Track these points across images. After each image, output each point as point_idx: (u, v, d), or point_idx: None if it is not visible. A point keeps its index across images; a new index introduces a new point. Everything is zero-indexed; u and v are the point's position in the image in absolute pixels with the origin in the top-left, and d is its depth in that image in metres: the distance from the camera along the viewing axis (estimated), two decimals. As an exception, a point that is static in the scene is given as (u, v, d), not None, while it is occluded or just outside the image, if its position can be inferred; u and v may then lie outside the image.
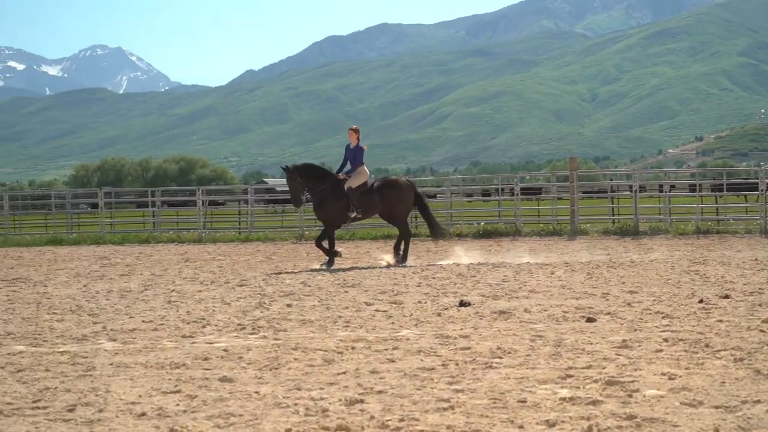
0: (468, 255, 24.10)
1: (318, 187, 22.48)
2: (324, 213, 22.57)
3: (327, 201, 22.42)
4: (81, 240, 37.30)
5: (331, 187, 22.51)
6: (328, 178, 22.75)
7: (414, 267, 21.58)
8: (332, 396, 7.91)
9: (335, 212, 22.46)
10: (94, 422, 7.25)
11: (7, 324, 13.11)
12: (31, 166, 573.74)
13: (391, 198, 23.04)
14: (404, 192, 23.34)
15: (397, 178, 24.74)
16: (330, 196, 22.40)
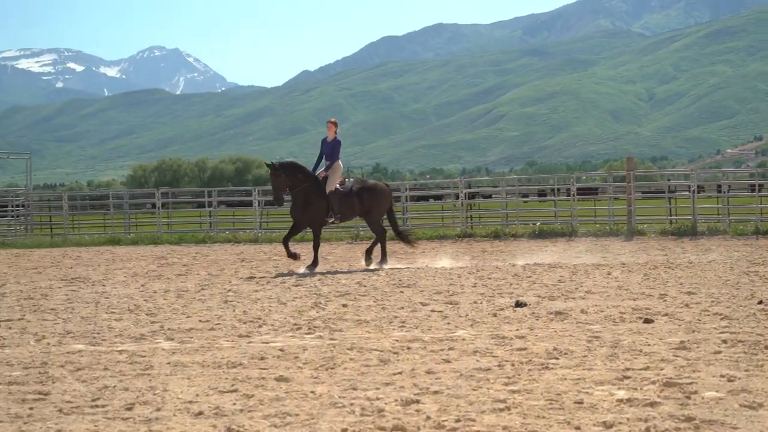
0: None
1: (299, 186, 21.80)
2: (308, 214, 21.99)
3: (309, 201, 21.86)
4: (138, 240, 37.61)
5: (312, 186, 21.89)
6: (309, 178, 22.01)
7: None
8: (388, 396, 7.91)
9: (317, 215, 21.98)
10: (151, 421, 7.30)
11: (67, 323, 13.24)
12: (89, 166, 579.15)
13: (370, 202, 22.66)
14: (383, 196, 23.14)
15: (376, 182, 24.32)
16: (313, 196, 21.84)
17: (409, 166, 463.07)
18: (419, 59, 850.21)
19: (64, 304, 15.63)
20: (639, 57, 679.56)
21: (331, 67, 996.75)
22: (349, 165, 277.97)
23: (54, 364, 9.89)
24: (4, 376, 9.22)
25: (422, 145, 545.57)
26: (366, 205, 22.61)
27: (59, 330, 12.54)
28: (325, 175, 22.01)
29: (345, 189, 22.25)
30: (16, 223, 43.05)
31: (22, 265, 26.30)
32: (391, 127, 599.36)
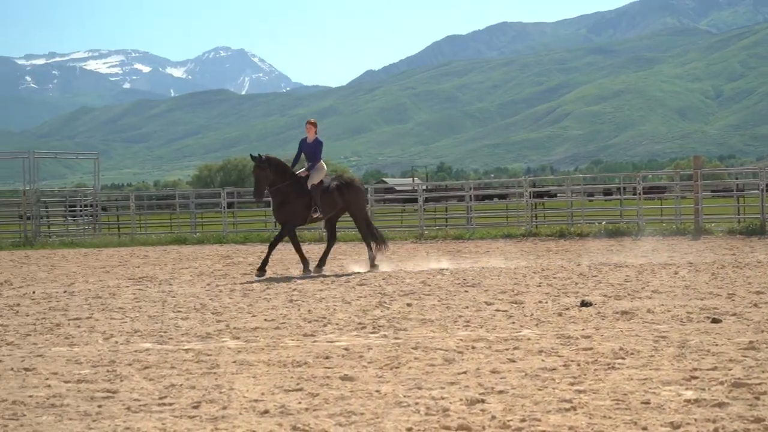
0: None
1: (279, 184, 20.99)
2: (286, 213, 21.25)
3: (289, 200, 21.10)
4: (204, 239, 37.88)
5: (293, 184, 21.14)
6: (290, 176, 21.23)
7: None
8: (453, 395, 7.90)
9: (297, 212, 21.22)
10: (218, 419, 7.35)
11: (134, 322, 13.37)
12: (156, 166, 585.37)
13: (350, 198, 22.09)
14: (361, 193, 22.86)
15: (353, 178, 23.81)
16: (292, 194, 21.08)
17: (473, 165, 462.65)
18: (483, 58, 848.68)
19: (131, 303, 15.79)
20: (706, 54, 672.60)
21: (395, 66, 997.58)
22: (413, 164, 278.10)
23: (122, 362, 9.99)
24: (73, 374, 9.33)
25: (486, 144, 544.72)
26: (345, 200, 22.00)
27: (127, 328, 12.67)
28: (306, 174, 21.36)
29: (324, 185, 21.60)
30: (85, 223, 43.55)
31: (90, 264, 26.61)
32: (455, 127, 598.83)
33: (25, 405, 7.98)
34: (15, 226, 42.96)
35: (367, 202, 23.58)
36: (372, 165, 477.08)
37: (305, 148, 21.74)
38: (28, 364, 9.96)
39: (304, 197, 21.10)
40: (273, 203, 21.60)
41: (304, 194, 21.11)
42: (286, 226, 21.37)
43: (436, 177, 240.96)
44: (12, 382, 9.04)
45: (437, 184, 69.25)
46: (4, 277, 22.49)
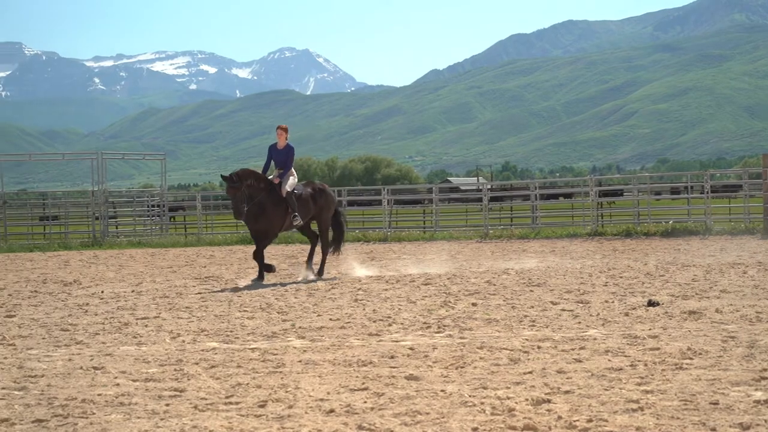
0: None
1: (256, 196, 19.96)
2: (264, 223, 20.15)
3: (266, 210, 20.07)
4: (270, 239, 38.01)
5: (269, 194, 20.18)
6: (265, 185, 20.23)
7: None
8: (518, 395, 7.88)
9: (276, 221, 20.32)
10: (284, 418, 7.38)
11: (201, 321, 13.47)
12: (222, 166, 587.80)
13: (322, 204, 21.29)
14: (332, 199, 21.82)
15: (324, 185, 22.26)
16: (269, 204, 20.10)
17: (538, 164, 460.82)
18: (549, 56, 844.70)
19: (198, 303, 15.91)
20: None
21: (460, 65, 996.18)
22: (478, 163, 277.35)
23: (189, 361, 10.07)
24: (141, 373, 9.43)
25: (552, 143, 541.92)
26: (318, 207, 21.21)
27: (194, 328, 12.77)
28: (278, 181, 20.39)
29: (298, 192, 20.69)
30: (152, 223, 43.96)
31: (157, 264, 26.85)
32: (520, 126, 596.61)
33: (94, 403, 8.07)
34: (84, 226, 43.46)
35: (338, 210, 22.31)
36: (436, 164, 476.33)
37: (276, 155, 20.79)
38: (97, 362, 10.08)
39: (280, 206, 20.28)
40: (248, 214, 19.98)
41: (281, 203, 20.28)
42: (268, 236, 20.43)
43: (500, 176, 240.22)
44: (81, 380, 9.15)
45: (502, 184, 69.04)
46: (74, 276, 22.77)
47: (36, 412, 7.78)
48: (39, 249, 36.05)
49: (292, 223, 20.57)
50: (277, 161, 20.71)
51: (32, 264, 28.22)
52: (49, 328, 13.09)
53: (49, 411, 7.83)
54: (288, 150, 20.73)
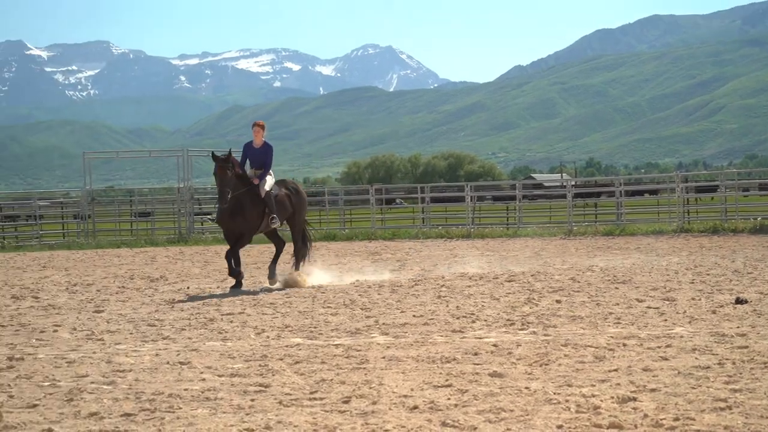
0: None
1: (237, 191, 18.47)
2: (242, 224, 18.75)
3: (244, 209, 18.64)
4: (353, 235, 38.17)
5: (248, 192, 18.72)
6: (248, 183, 18.80)
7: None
8: (604, 393, 7.82)
9: (254, 222, 18.95)
10: (368, 414, 7.40)
11: (285, 317, 13.56)
12: (305, 163, 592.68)
13: (297, 205, 20.07)
14: (305, 200, 20.77)
15: (298, 184, 21.10)
16: (248, 203, 18.68)
17: (623, 160, 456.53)
18: (634, 52, 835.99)
19: (282, 299, 16.02)
20: None
21: (544, 61, 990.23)
22: (562, 160, 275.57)
23: (273, 357, 10.14)
24: (227, 369, 9.52)
25: (637, 139, 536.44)
26: (293, 208, 19.91)
27: (278, 324, 12.86)
28: (258, 181, 18.84)
29: (274, 192, 19.23)
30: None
31: (242, 261, 27.00)
32: (604, 122, 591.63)
33: (180, 398, 8.17)
34: (170, 222, 43.96)
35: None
36: (520, 161, 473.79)
37: (252, 153, 19.25)
38: (184, 358, 10.20)
39: (258, 206, 18.80)
40: (224, 211, 18.58)
41: (259, 203, 18.79)
42: (244, 238, 19.11)
43: (585, 173, 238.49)
44: (168, 375, 9.26)
45: (586, 180, 68.51)
46: (160, 272, 23.05)
47: (124, 406, 7.90)
48: (126, 245, 36.55)
49: (269, 224, 19.17)
50: (254, 161, 19.19)
51: (120, 260, 28.62)
52: (136, 323, 13.27)
53: (136, 405, 7.94)
54: (266, 149, 19.21)
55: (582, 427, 6.79)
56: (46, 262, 28.66)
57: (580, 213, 42.36)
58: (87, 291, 18.38)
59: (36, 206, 43.85)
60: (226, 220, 18.75)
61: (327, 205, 44.88)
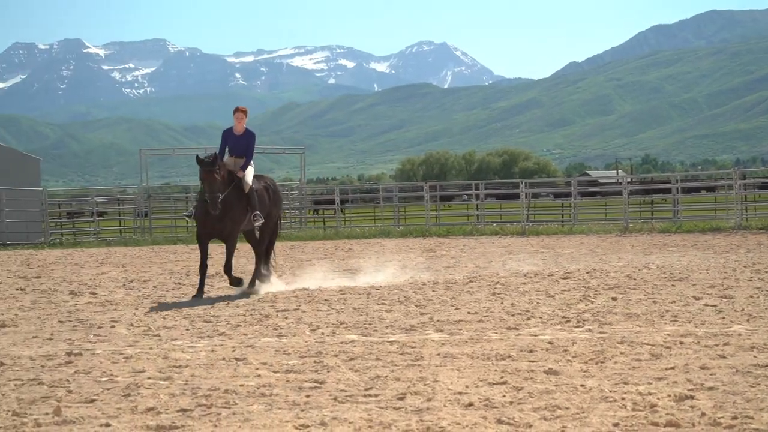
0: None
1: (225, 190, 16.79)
2: (231, 224, 17.01)
3: (232, 208, 16.88)
4: (407, 232, 38.18)
5: (235, 188, 17.08)
6: (232, 178, 17.15)
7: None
8: (660, 391, 7.76)
9: (241, 221, 17.26)
10: (422, 411, 7.39)
11: (340, 314, 13.58)
12: (359, 160, 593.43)
13: (274, 200, 18.35)
14: (281, 196, 19.15)
15: (271, 178, 19.13)
16: (234, 201, 16.98)
17: (679, 157, 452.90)
18: (691, 47, 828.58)
19: (336, 295, 16.04)
20: None
21: (599, 57, 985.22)
22: (617, 156, 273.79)
23: (328, 353, 10.16)
24: (282, 365, 9.55)
25: (693, 135, 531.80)
26: (272, 203, 18.16)
27: (333, 320, 12.88)
28: (242, 174, 17.22)
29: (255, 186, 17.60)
30: (291, 217, 44.47)
31: (296, 257, 27.15)
32: (660, 118, 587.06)
33: (236, 394, 8.21)
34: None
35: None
36: (575, 158, 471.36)
37: (233, 141, 17.51)
38: (239, 354, 10.24)
39: (242, 202, 17.15)
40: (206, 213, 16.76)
41: (243, 199, 17.14)
42: (232, 238, 17.27)
43: (641, 169, 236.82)
44: (224, 371, 9.30)
45: (642, 177, 68.00)
46: (216, 269, 23.17)
47: (180, 402, 7.95)
48: (182, 242, 36.79)
49: (252, 222, 17.38)
50: (235, 149, 17.48)
51: (176, 256, 28.81)
52: (192, 319, 13.36)
53: (193, 401, 7.98)
54: (248, 136, 17.54)
55: (638, 425, 6.74)
56: (104, 258, 28.93)
57: (636, 210, 42.09)
58: (143, 287, 18.52)
59: (93, 203, 44.29)
60: (213, 222, 16.75)
61: (381, 202, 44.92)
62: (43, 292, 17.96)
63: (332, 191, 50.18)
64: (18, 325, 13.23)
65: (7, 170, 42.34)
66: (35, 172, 45.42)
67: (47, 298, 16.84)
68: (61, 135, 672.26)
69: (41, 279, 21.21)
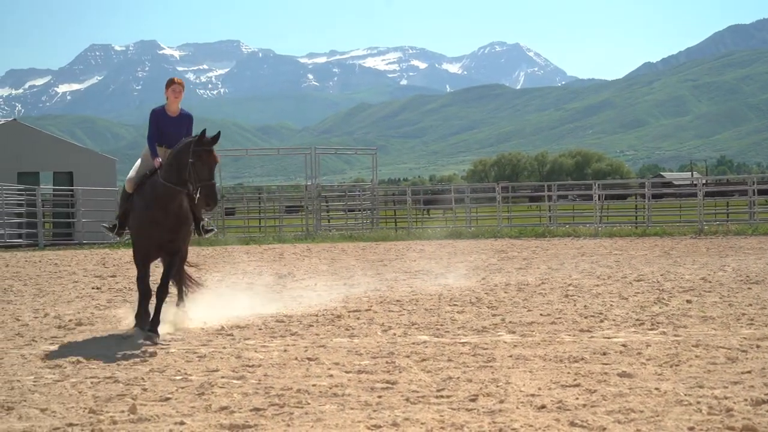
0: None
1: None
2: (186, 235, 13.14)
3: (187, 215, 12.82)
4: (479, 233, 38.08)
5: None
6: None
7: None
8: (737, 395, 7.66)
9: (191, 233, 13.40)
10: (495, 413, 7.37)
11: (412, 314, 13.59)
12: (431, 161, 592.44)
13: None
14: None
15: None
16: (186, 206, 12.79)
17: (756, 158, 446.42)
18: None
19: (408, 296, 16.05)
20: None
21: (674, 58, 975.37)
22: (692, 158, 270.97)
23: (400, 354, 10.17)
24: (354, 365, 9.57)
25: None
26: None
27: (404, 321, 12.89)
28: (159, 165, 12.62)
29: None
30: (363, 217, 44.56)
31: (368, 258, 27.19)
32: (736, 119, 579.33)
33: (308, 393, 8.24)
34: (297, 219, 44.42)
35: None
36: (649, 159, 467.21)
37: (167, 124, 12.93)
38: (311, 354, 10.29)
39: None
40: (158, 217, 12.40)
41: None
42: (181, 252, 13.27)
43: (716, 171, 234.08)
44: (296, 371, 9.35)
45: (718, 178, 67.24)
46: (288, 269, 23.30)
47: (254, 401, 8.00)
48: (255, 242, 37.01)
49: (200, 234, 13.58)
50: (171, 137, 12.88)
51: (248, 256, 28.98)
52: (265, 319, 13.42)
53: (266, 400, 8.04)
54: (187, 120, 13.14)
55: (714, 429, 6.67)
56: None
57: (711, 212, 41.61)
58: (216, 287, 18.67)
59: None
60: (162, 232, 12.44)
61: (453, 203, 44.82)
62: (118, 291, 18.20)
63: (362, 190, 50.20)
64: (94, 323, 13.41)
65: (84, 171, 42.94)
66: (111, 172, 46.08)
67: (122, 297, 17.04)
68: (136, 136, 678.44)
69: (116, 278, 21.48)
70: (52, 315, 14.42)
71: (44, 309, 15.23)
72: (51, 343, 11.63)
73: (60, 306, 15.72)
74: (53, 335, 12.33)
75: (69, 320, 13.68)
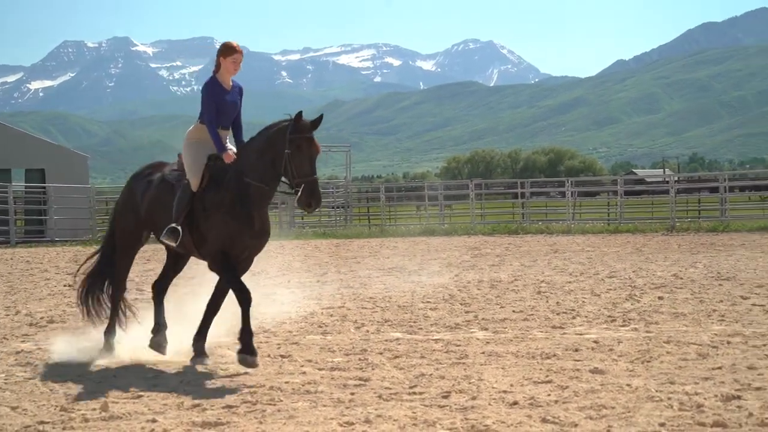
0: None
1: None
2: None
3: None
4: (452, 231, 38.11)
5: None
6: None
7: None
8: (707, 391, 7.70)
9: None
10: (467, 409, 7.39)
11: (384, 311, 13.59)
12: (405, 158, 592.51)
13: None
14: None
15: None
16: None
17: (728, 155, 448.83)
18: (741, 45, 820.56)
19: (381, 293, 16.05)
20: None
21: (647, 55, 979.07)
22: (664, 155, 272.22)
23: (373, 351, 10.18)
24: (327, 362, 9.58)
25: (742, 134, 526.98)
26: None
27: (377, 318, 12.90)
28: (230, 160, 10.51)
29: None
30: (336, 214, 44.55)
31: (342, 255, 27.19)
32: (708, 116, 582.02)
33: (281, 391, 8.24)
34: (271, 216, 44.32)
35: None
36: (621, 156, 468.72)
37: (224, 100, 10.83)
38: (284, 351, 10.29)
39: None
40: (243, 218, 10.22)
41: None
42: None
43: (688, 168, 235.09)
44: (269, 368, 9.35)
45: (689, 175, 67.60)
46: (261, 266, 23.24)
47: (226, 398, 8.00)
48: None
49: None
50: (226, 114, 10.93)
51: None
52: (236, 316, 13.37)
53: (238, 397, 8.04)
54: (238, 92, 11.18)
55: (685, 425, 6.70)
56: (150, 255, 29.07)
57: (683, 209, 41.80)
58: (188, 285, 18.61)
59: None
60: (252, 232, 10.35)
61: (426, 200, 44.86)
62: (90, 289, 18.09)
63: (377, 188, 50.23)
64: (66, 321, 13.36)
65: (56, 168, 42.71)
66: (83, 169, 45.81)
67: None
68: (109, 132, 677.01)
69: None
70: (23, 312, 14.37)
71: (16, 306, 15.16)
72: (22, 341, 11.59)
73: (32, 303, 15.65)
74: (25, 333, 12.29)
75: (41, 318, 13.64)
